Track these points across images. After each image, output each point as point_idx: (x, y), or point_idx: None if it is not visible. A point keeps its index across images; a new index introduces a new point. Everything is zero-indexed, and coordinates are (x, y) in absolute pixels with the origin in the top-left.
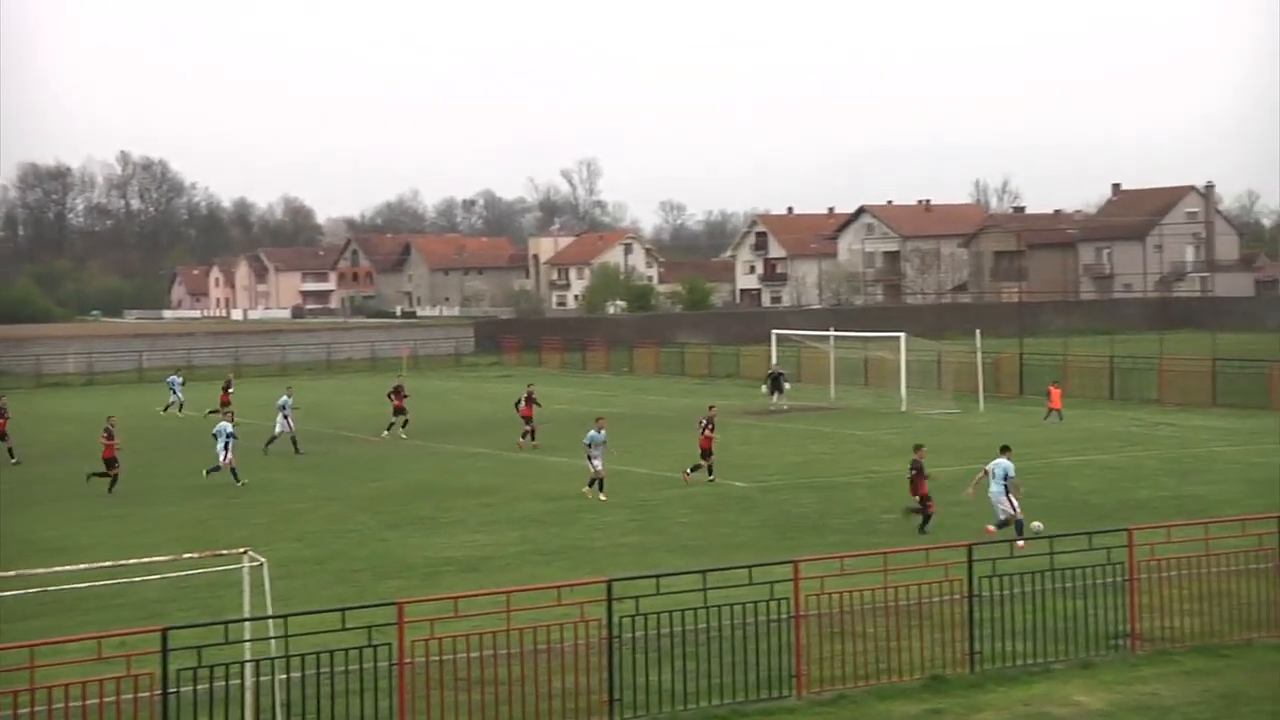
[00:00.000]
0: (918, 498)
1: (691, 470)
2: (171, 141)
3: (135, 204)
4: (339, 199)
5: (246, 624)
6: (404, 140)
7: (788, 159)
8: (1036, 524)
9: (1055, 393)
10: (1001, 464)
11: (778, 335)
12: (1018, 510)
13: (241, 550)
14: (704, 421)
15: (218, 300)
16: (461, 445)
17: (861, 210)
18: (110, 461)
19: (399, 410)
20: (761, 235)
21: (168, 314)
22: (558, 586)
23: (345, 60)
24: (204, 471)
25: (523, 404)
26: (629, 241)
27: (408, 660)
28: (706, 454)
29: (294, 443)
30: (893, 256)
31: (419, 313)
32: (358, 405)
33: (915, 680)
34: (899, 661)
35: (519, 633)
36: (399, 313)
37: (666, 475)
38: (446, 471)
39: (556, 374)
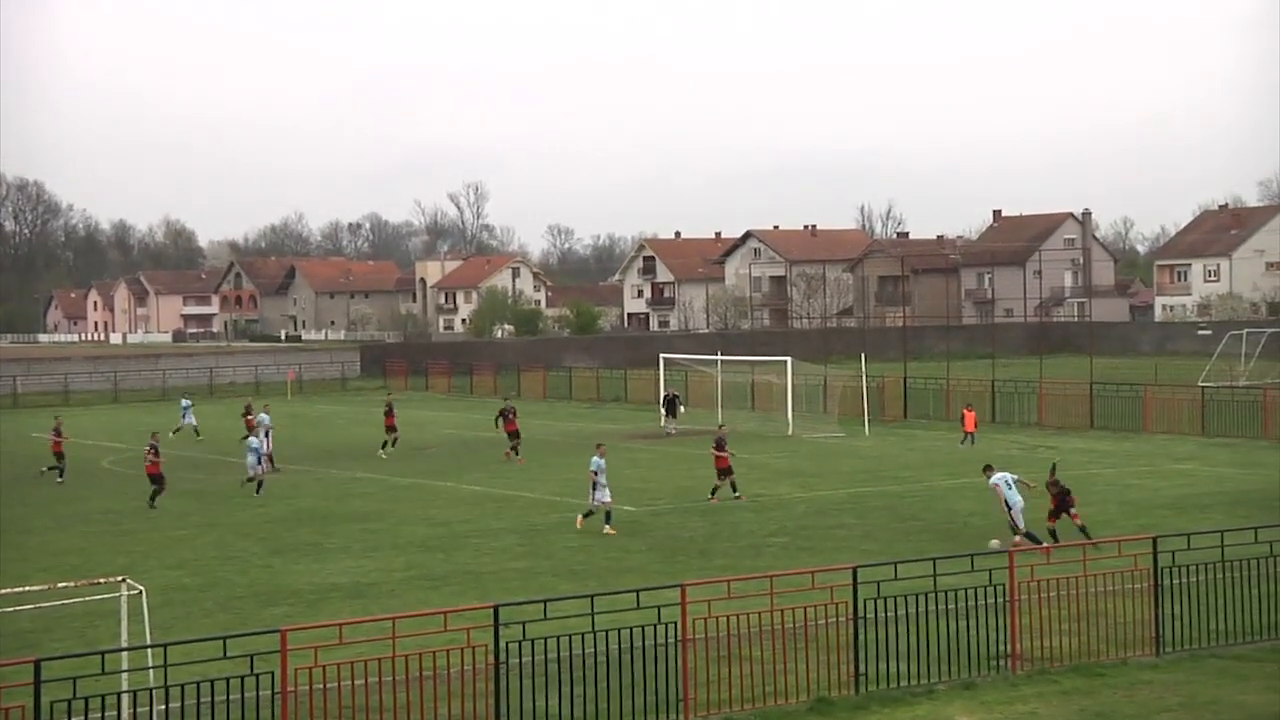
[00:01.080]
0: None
1: (713, 493)
2: (47, 161)
3: (9, 225)
4: (222, 221)
5: (124, 654)
6: (288, 162)
7: (675, 182)
8: (994, 541)
9: (970, 416)
10: (1004, 476)
11: (665, 359)
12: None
13: (120, 578)
14: (717, 442)
15: (96, 324)
16: (346, 470)
17: (748, 235)
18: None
19: (390, 429)
20: (649, 259)
21: (43, 338)
22: (444, 612)
23: (226, 79)
24: (243, 484)
25: (503, 422)
26: (516, 265)
27: (291, 689)
28: (724, 473)
29: (270, 461)
30: (779, 281)
31: (304, 336)
32: (240, 430)
33: (801, 703)
34: (785, 684)
35: (404, 659)
36: (284, 336)
37: (554, 499)
38: (330, 497)
39: (444, 398)
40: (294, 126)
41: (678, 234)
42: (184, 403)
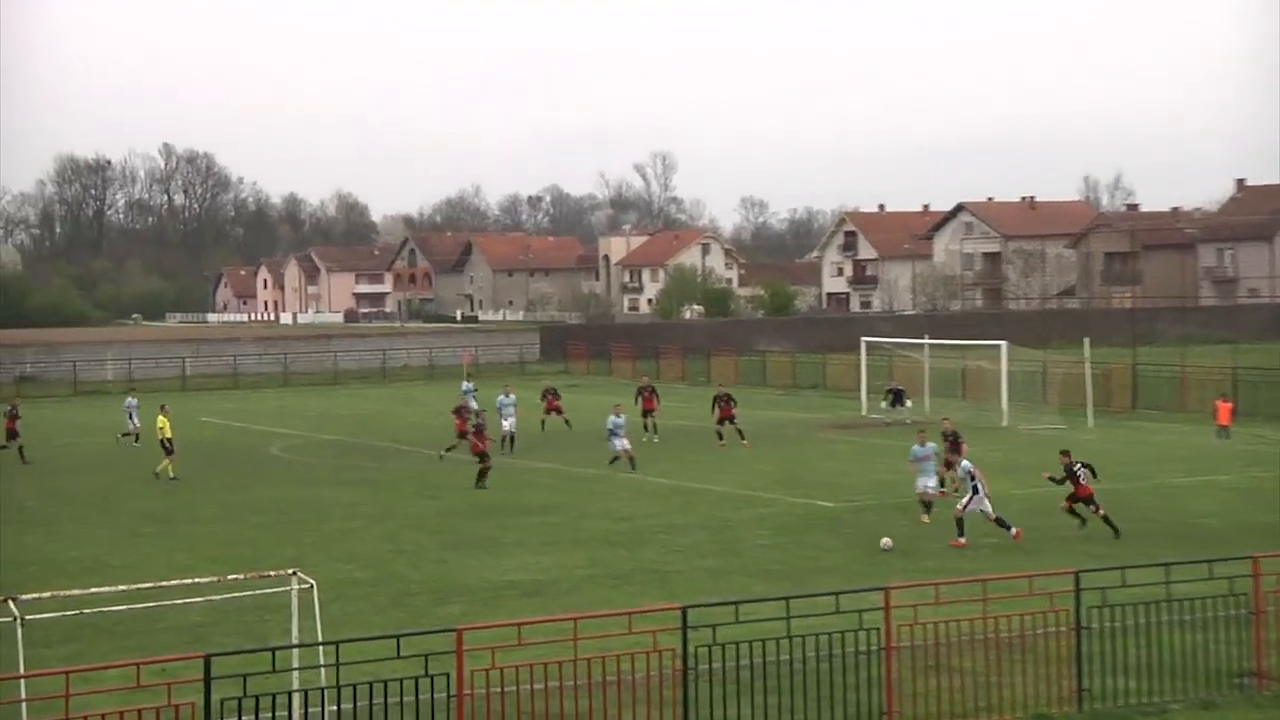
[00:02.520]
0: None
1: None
2: (218, 133)
3: (179, 200)
4: (395, 195)
5: (295, 651)
6: (466, 132)
7: (879, 152)
8: (886, 540)
9: (1224, 408)
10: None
11: (868, 343)
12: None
13: (290, 571)
14: (950, 439)
15: (265, 303)
16: (525, 459)
17: (960, 208)
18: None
19: (554, 411)
20: (850, 234)
21: (212, 318)
22: (628, 613)
23: (401, 49)
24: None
25: (642, 400)
26: (707, 241)
27: (467, 691)
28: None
29: (511, 442)
30: (993, 258)
31: (481, 317)
32: (414, 416)
33: (1017, 719)
34: (999, 699)
35: (586, 663)
36: (459, 317)
37: (746, 493)
38: (508, 488)
39: (628, 383)
40: (471, 95)
41: (881, 207)
42: (130, 402)
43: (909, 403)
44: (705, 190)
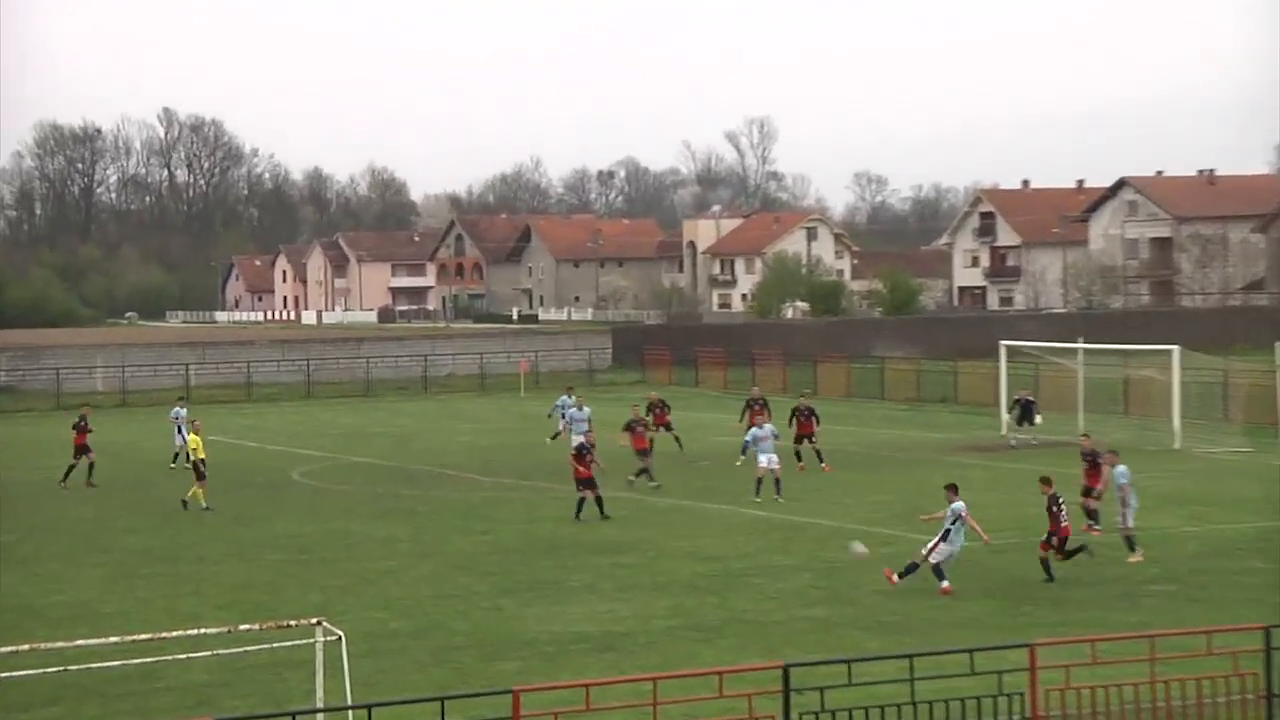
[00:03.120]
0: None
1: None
2: (228, 97)
3: (181, 175)
4: (439, 171)
5: (319, 716)
6: (524, 95)
7: (1023, 118)
8: (859, 547)
9: None
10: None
11: (1008, 347)
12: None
13: (314, 621)
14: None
15: (285, 299)
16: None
17: (1121, 184)
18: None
19: (665, 426)
20: (987, 216)
21: (221, 316)
22: (719, 672)
23: None
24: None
25: (748, 413)
26: (813, 224)
27: None
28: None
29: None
30: (1163, 244)
31: (541, 316)
32: (462, 435)
33: None
34: None
35: None
36: (515, 316)
37: (859, 529)
38: (573, 521)
39: (718, 395)
40: (530, 49)
41: (1025, 184)
42: (176, 412)
43: (1039, 418)
44: (811, 164)
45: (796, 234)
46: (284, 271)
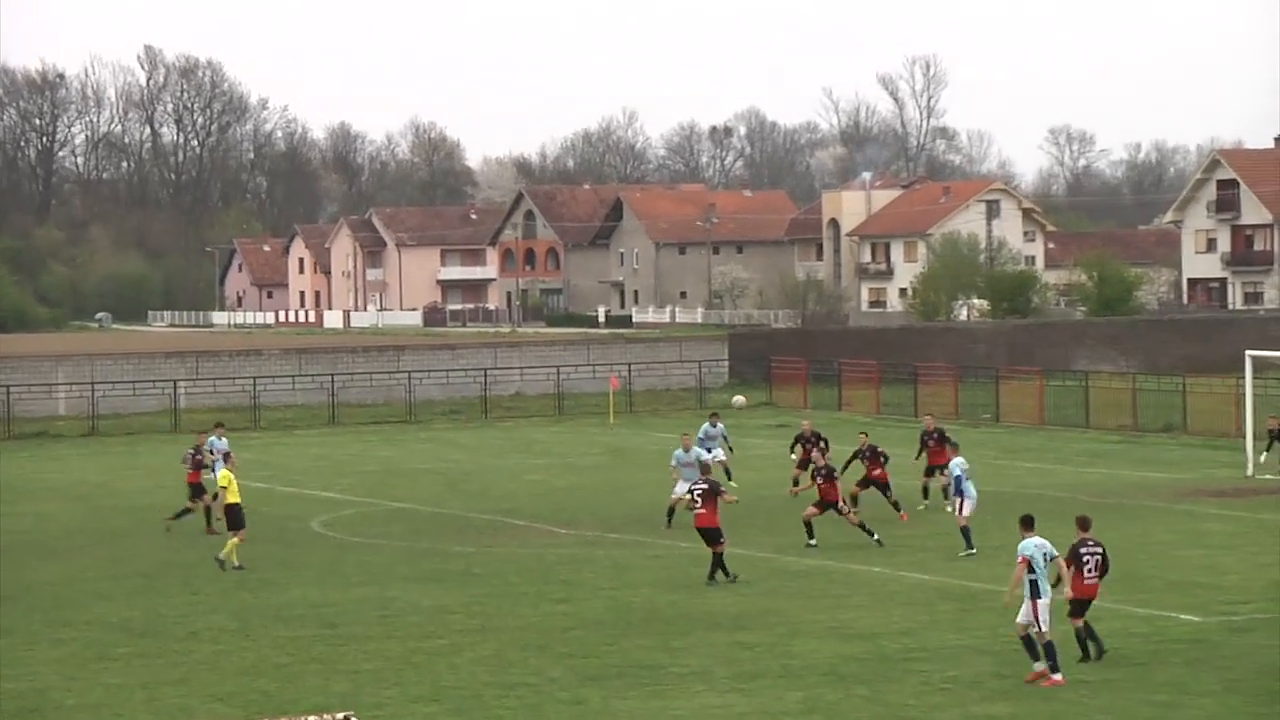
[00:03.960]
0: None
1: None
2: (227, 34)
3: (168, 134)
4: (503, 129)
5: None
6: (610, 28)
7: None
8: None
9: None
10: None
11: (1256, 359)
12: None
13: (341, 717)
14: None
15: (302, 296)
16: (702, 542)
17: None
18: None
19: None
20: (1228, 185)
21: (219, 318)
22: None
23: None
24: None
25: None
26: (994, 197)
27: None
28: None
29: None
30: None
31: (636, 318)
32: (532, 473)
33: None
34: None
35: None
36: (603, 318)
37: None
38: (677, 587)
39: (869, 422)
40: None
41: (1279, 141)
42: (214, 442)
43: None
44: (993, 117)
45: (973, 209)
46: (300, 260)
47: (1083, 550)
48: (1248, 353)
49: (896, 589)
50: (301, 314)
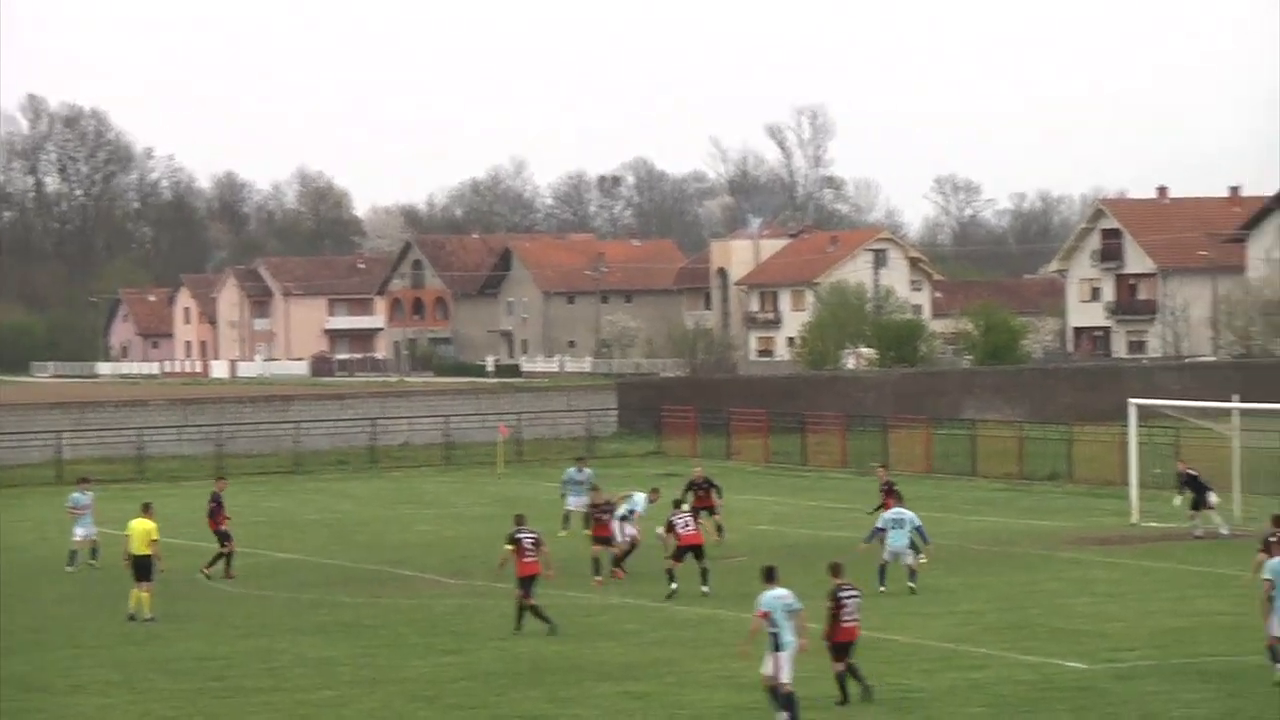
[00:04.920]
0: None
1: None
2: (112, 83)
3: (52, 183)
4: (391, 178)
5: None
6: (499, 77)
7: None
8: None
9: None
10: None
11: (1140, 408)
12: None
13: None
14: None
15: (188, 346)
16: (594, 592)
17: None
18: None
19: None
20: (1112, 235)
21: (104, 369)
22: None
23: None
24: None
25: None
26: (881, 246)
27: None
28: None
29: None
30: None
31: (525, 367)
32: (421, 523)
33: None
34: None
35: None
36: (491, 367)
37: (944, 647)
38: (566, 638)
39: (758, 471)
40: (506, 22)
41: (1162, 191)
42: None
43: (1213, 496)
44: (879, 166)
45: (860, 258)
46: (186, 309)
47: (841, 594)
48: (1132, 401)
49: None
50: (187, 364)
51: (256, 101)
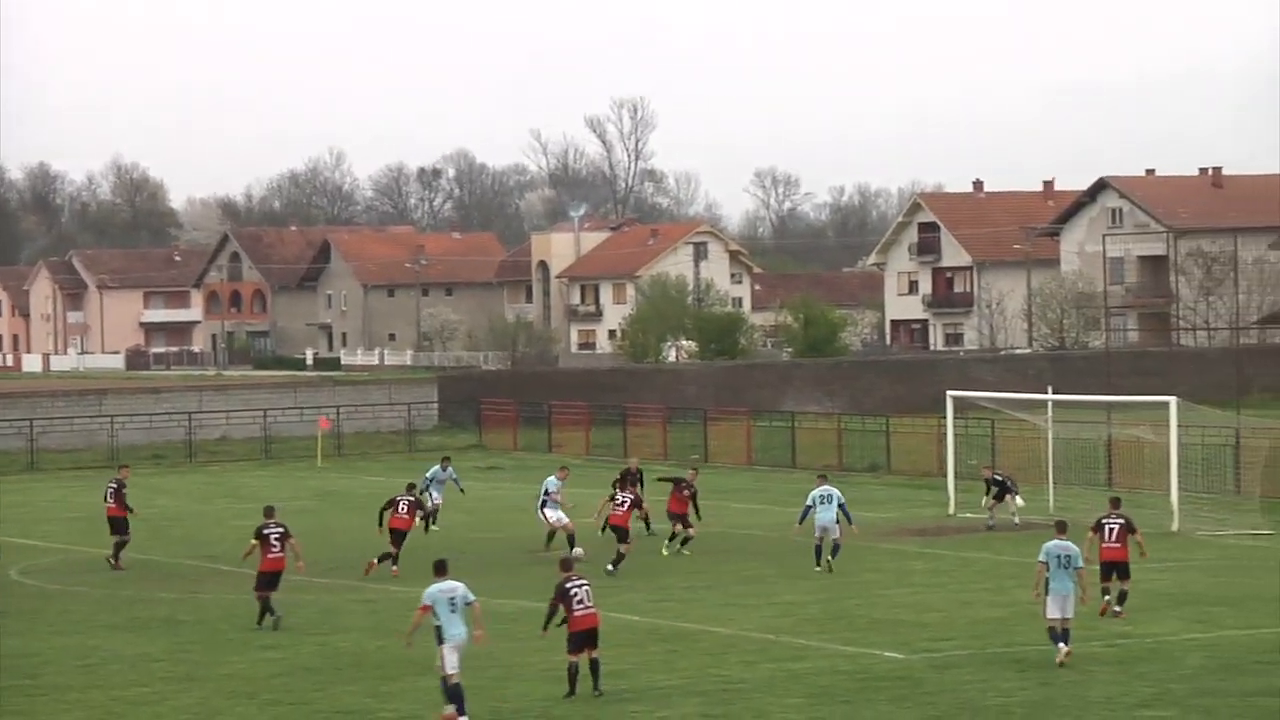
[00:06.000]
0: None
1: None
2: None
3: None
4: (208, 169)
5: None
6: (318, 65)
7: (973, 101)
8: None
9: None
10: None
11: (957, 399)
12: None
13: None
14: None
15: (0, 340)
16: (416, 586)
17: (1102, 185)
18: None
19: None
20: (929, 229)
21: None
22: None
23: None
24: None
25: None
26: (702, 239)
27: None
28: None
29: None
30: (1156, 264)
31: (345, 360)
32: (239, 518)
33: None
34: None
35: None
36: (311, 360)
37: (764, 638)
38: (387, 632)
39: (581, 464)
40: (325, 12)
41: (978, 186)
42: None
43: (1019, 500)
44: (700, 160)
45: (681, 251)
46: None
47: (568, 586)
48: (949, 393)
49: (607, 630)
50: (0, 359)
51: (69, 90)
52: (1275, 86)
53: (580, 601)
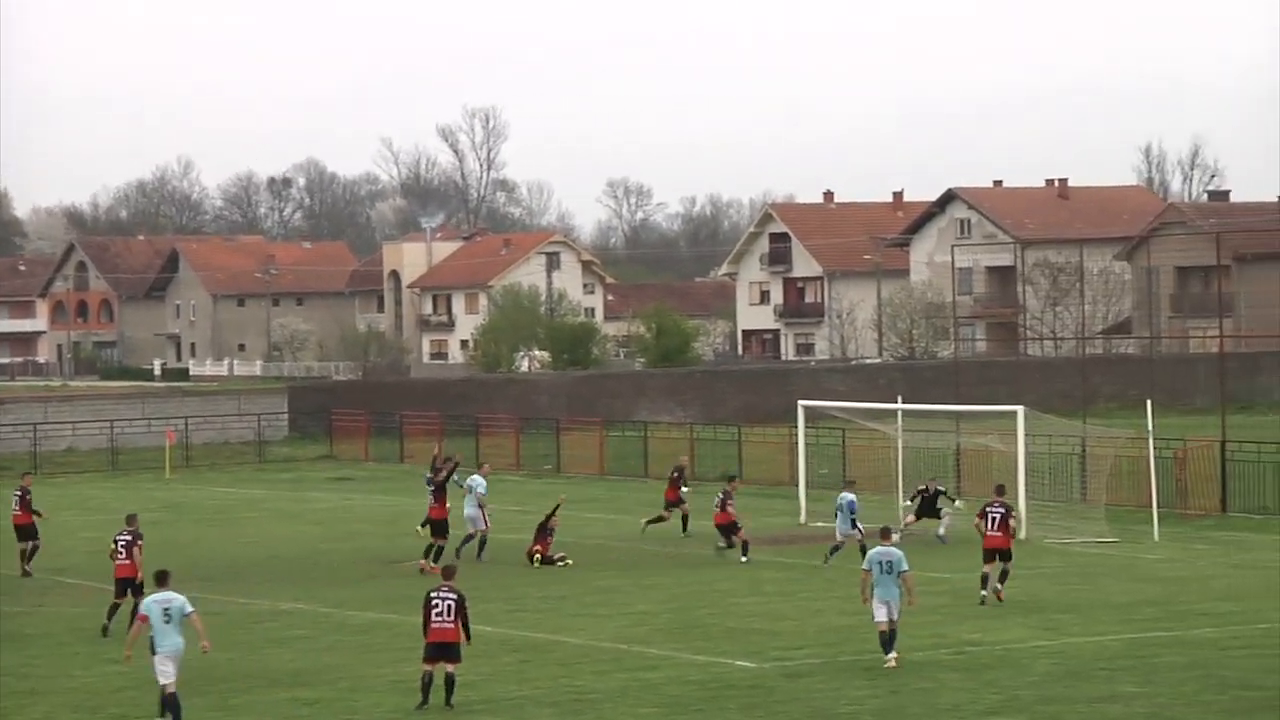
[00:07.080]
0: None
1: None
2: None
3: None
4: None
5: None
6: (162, 81)
7: (824, 112)
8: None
9: None
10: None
11: (808, 409)
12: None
13: None
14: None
15: None
16: (265, 598)
17: (950, 196)
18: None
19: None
20: (780, 239)
21: None
22: None
23: None
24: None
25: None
26: (554, 249)
27: None
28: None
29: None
30: (1004, 274)
31: (193, 370)
32: (86, 530)
33: None
34: None
35: None
36: (159, 371)
37: (616, 648)
38: (238, 645)
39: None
40: (174, 18)
41: (828, 197)
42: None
43: (957, 503)
44: (552, 170)
45: (534, 261)
46: None
47: (432, 594)
48: (800, 403)
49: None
50: None
51: None
52: (1120, 101)
53: (440, 614)
